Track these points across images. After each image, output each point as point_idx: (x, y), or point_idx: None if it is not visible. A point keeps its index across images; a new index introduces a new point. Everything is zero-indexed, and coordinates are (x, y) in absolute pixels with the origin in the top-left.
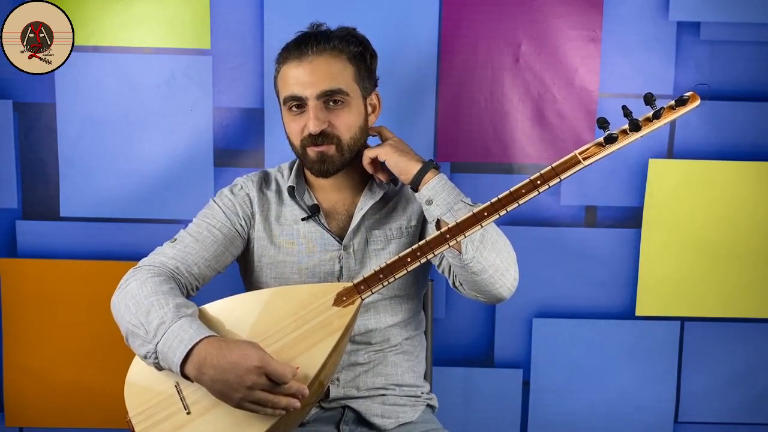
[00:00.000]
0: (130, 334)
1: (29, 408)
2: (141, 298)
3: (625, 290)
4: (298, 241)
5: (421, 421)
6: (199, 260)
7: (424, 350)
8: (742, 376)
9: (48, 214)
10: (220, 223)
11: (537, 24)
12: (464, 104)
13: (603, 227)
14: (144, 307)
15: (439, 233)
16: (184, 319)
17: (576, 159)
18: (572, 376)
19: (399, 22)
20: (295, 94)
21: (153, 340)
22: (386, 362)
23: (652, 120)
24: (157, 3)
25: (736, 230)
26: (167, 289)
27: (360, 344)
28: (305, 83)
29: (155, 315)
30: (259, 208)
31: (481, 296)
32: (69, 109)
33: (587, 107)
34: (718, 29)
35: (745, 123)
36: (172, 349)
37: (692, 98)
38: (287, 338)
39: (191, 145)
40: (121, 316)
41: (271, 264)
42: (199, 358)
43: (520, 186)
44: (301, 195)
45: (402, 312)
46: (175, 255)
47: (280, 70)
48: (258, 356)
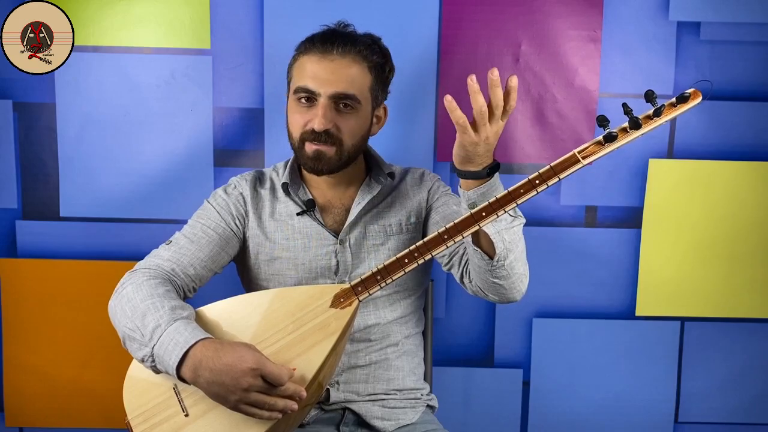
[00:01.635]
0: (127, 338)
1: (29, 408)
2: (137, 302)
3: (625, 290)
4: (294, 236)
5: (421, 422)
6: (194, 261)
7: (423, 350)
8: (742, 376)
9: (48, 214)
10: (215, 224)
11: (537, 24)
12: (464, 104)
13: (603, 227)
14: (140, 311)
15: (436, 234)
16: (179, 322)
17: (575, 158)
18: (572, 376)
19: (399, 22)
20: (308, 87)
21: (149, 343)
22: (387, 365)
23: (653, 117)
24: (157, 3)
25: (736, 230)
26: (163, 291)
27: (360, 342)
28: (322, 80)
29: (151, 318)
30: (253, 206)
31: (495, 297)
32: (69, 109)
33: (587, 107)
34: (718, 29)
35: (745, 123)
36: (168, 352)
37: (694, 95)
38: (285, 340)
39: (191, 145)
40: (118, 321)
41: (268, 261)
42: (195, 361)
43: (519, 186)
44: (296, 190)
45: (401, 308)
46: (170, 257)
47: (299, 59)
48: (254, 358)
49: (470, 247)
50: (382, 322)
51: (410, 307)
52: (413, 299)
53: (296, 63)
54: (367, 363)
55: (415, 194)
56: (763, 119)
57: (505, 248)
